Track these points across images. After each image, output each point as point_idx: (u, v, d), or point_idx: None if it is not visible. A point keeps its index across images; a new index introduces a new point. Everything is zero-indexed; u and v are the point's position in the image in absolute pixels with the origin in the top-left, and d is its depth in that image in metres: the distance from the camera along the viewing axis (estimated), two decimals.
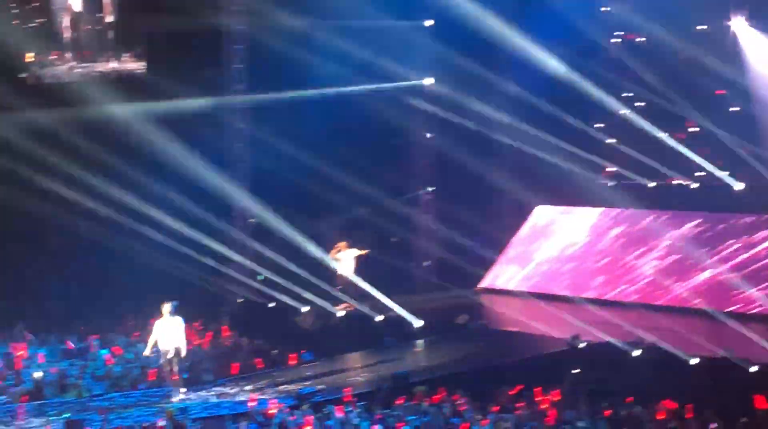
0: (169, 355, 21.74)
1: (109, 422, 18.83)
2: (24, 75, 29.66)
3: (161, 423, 18.42)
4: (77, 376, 22.97)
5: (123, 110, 29.00)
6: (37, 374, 22.36)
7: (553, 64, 30.04)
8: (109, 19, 30.43)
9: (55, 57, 30.06)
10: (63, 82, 29.72)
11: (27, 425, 19.34)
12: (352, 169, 30.44)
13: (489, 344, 26.06)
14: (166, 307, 21.89)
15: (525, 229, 33.37)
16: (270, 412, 19.50)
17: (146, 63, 30.46)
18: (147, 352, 22.07)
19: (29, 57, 29.75)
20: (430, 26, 32.48)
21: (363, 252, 28.56)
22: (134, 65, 30.50)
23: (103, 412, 19.72)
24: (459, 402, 19.88)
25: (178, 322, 21.91)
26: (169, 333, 21.75)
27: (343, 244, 28.52)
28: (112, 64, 30.50)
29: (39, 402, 21.37)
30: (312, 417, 18.94)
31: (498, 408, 19.64)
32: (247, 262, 30.50)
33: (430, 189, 33.79)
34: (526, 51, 29.89)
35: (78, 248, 29.26)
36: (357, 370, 24.29)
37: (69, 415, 19.88)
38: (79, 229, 29.02)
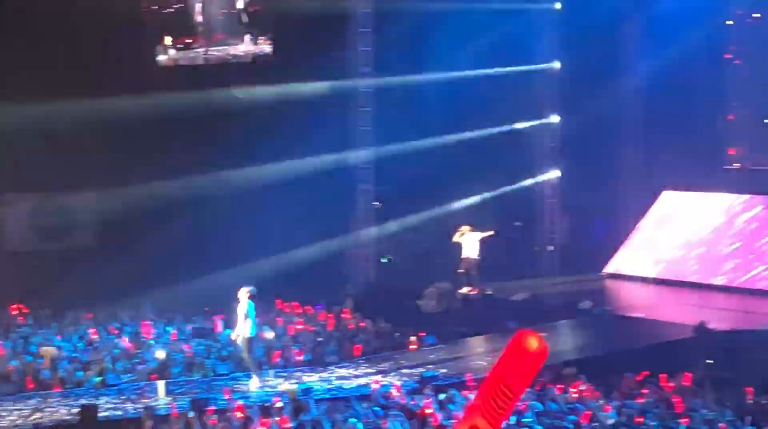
0: (239, 342, 21.23)
1: (233, 401, 19.01)
2: (161, 58, 30.19)
3: (279, 404, 18.54)
4: (203, 355, 23.27)
5: (252, 93, 29.33)
6: (160, 354, 22.68)
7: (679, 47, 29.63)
8: (240, 4, 30.77)
9: (190, 41, 30.54)
10: (196, 65, 30.21)
11: (153, 403, 19.63)
12: (476, 153, 30.36)
13: (613, 330, 25.79)
14: (243, 292, 21.22)
15: (652, 215, 32.91)
16: (392, 394, 19.52)
17: (275, 46, 30.72)
18: (233, 336, 21.65)
19: (166, 41, 30.30)
20: (558, 10, 32.19)
21: (487, 233, 28.39)
22: (263, 49, 30.77)
23: (228, 392, 19.94)
24: (582, 388, 19.71)
25: (251, 308, 21.07)
26: (241, 319, 21.08)
27: (466, 227, 28.44)
28: (243, 48, 30.83)
29: (165, 380, 21.67)
30: (432, 400, 18.93)
31: (622, 395, 19.43)
32: (371, 245, 30.60)
33: (555, 173, 33.52)
34: (654, 33, 29.51)
35: (205, 229, 29.67)
36: (479, 354, 24.22)
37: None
38: (206, 210, 29.45)
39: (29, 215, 31.08)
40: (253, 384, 20.95)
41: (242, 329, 21.02)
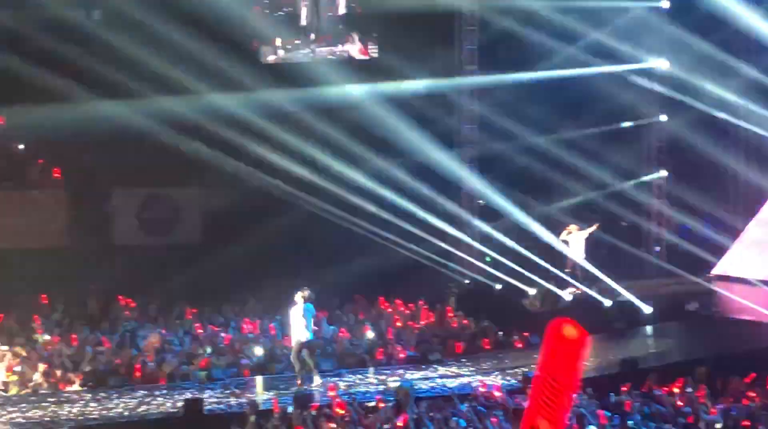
0: (294, 346, 20.88)
1: (337, 398, 19.05)
2: (270, 58, 30.46)
3: (382, 405, 18.52)
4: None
5: (357, 91, 29.42)
6: (258, 350, 22.80)
7: None
8: (344, 6, 30.88)
9: (298, 42, 30.77)
10: (302, 65, 30.40)
11: (256, 398, 19.75)
12: (581, 152, 30.11)
13: (720, 332, 25.39)
14: (299, 294, 20.86)
15: (761, 215, 32.30)
16: (494, 394, 19.42)
17: (380, 45, 30.77)
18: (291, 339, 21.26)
19: (276, 42, 30.58)
20: (667, 8, 31.76)
21: (592, 228, 28.11)
22: (368, 47, 30.84)
23: (333, 388, 19.99)
24: (688, 390, 19.43)
25: (308, 310, 20.79)
26: (297, 322, 20.80)
27: (574, 226, 28.20)
28: (348, 47, 30.95)
29: (269, 375, 21.82)
30: None
31: (729, 398, 19.12)
32: (475, 244, 30.49)
33: (662, 173, 33.09)
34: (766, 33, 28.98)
35: (309, 226, 29.80)
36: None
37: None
38: (310, 206, 29.59)
39: (137, 210, 31.53)
40: (316, 382, 20.73)
41: (298, 332, 20.72)
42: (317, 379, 20.79)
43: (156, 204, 31.65)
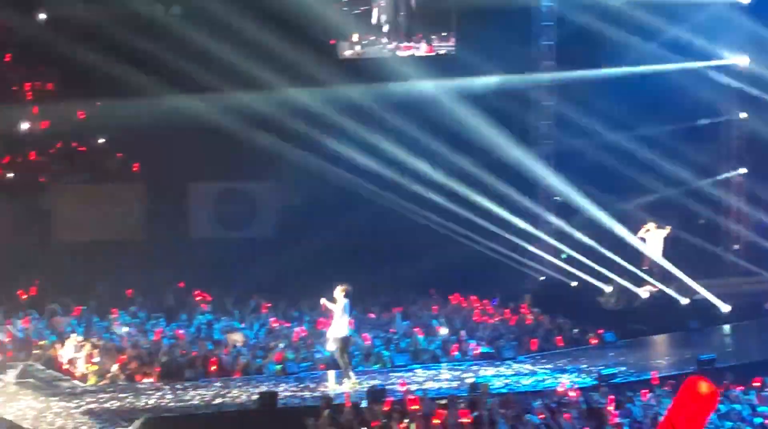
0: (330, 343, 20.62)
1: (410, 393, 19.06)
2: (347, 52, 30.56)
3: (462, 403, 18.47)
4: (381, 346, 23.40)
5: (433, 86, 29.41)
6: (330, 346, 22.84)
7: None
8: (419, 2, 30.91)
9: (374, 38, 30.82)
10: (379, 60, 30.47)
11: (329, 392, 19.80)
12: (659, 149, 29.86)
13: None
14: (339, 290, 20.49)
15: None
16: (569, 392, 19.29)
17: (456, 41, 30.72)
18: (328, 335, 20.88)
19: (353, 38, 30.66)
20: (747, 3, 31.36)
21: (667, 230, 27.91)
22: (444, 43, 30.81)
23: (405, 384, 20.00)
24: (766, 390, 19.21)
25: (345, 307, 20.38)
26: (337, 317, 20.45)
27: (652, 223, 27.96)
28: (425, 43, 30.94)
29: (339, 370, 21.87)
30: (612, 398, 18.67)
31: None
32: (551, 240, 30.35)
33: (741, 170, 32.71)
34: None
35: (384, 221, 29.83)
36: (660, 352, 23.82)
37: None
38: (385, 202, 29.63)
39: (214, 204, 31.78)
40: (347, 384, 20.23)
41: (337, 328, 20.43)
42: (350, 378, 20.33)
43: (232, 198, 31.89)
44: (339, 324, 20.37)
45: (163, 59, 27.99)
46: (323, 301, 20.74)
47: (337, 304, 20.41)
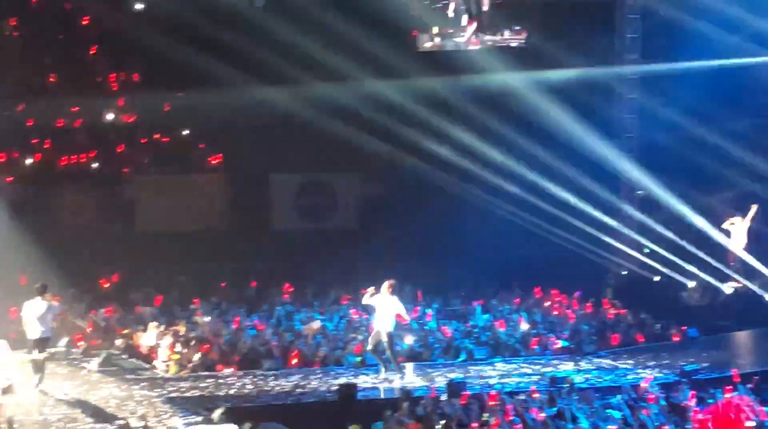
0: (374, 337, 20.26)
1: (489, 387, 19.01)
2: (426, 44, 30.50)
3: (536, 395, 18.37)
4: (461, 339, 23.35)
5: (514, 79, 29.27)
6: (408, 339, 22.83)
7: None
8: None
9: (453, 30, 30.73)
10: (459, 52, 30.38)
11: (411, 384, 19.80)
12: (743, 142, 29.44)
13: None
14: (386, 285, 20.14)
15: None
16: (649, 388, 19.11)
17: (539, 33, 30.54)
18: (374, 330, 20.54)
19: (433, 30, 30.59)
20: None
21: (752, 211, 27.34)
22: (526, 36, 30.65)
23: (484, 377, 19.95)
24: None
25: (394, 302, 20.16)
26: (382, 312, 20.13)
27: (737, 217, 27.59)
28: (507, 35, 30.80)
29: (421, 362, 21.85)
30: (694, 394, 18.47)
31: None
32: (633, 235, 30.09)
33: None
34: None
35: (465, 214, 29.77)
36: (744, 349, 23.52)
37: None
38: (466, 194, 29.55)
39: (295, 195, 31.89)
40: (398, 380, 20.10)
41: (383, 323, 20.14)
42: (403, 374, 20.20)
43: (313, 190, 31.98)
44: (386, 319, 20.06)
45: (246, 51, 28.13)
46: (368, 292, 20.38)
47: (382, 299, 20.11)
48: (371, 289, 20.26)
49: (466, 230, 29.86)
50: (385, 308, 20.07)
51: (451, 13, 29.33)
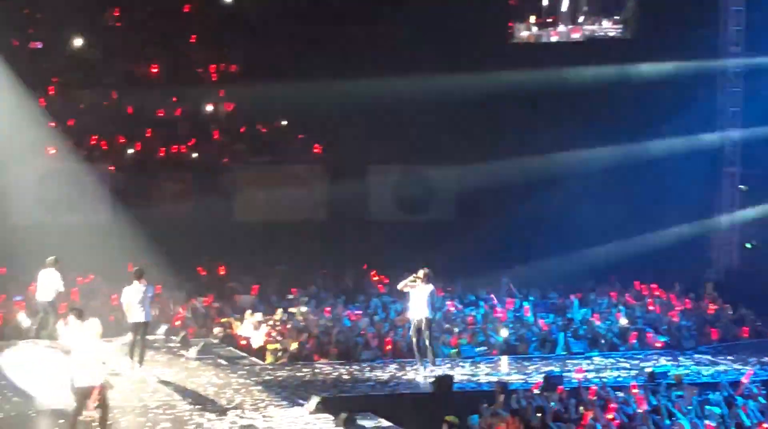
0: (414, 325, 19.94)
1: (586, 381, 18.86)
2: (523, 34, 30.41)
3: (636, 390, 18.15)
4: (558, 332, 23.19)
5: (612, 72, 29.08)
6: (504, 331, 22.73)
7: None
8: None
9: (550, 21, 30.60)
10: (558, 44, 30.26)
11: (506, 377, 19.74)
12: None
13: None
14: (421, 273, 19.82)
15: None
16: (743, 384, 18.80)
17: (637, 24, 30.28)
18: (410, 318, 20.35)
19: (530, 20, 30.52)
20: None
21: None
22: (623, 27, 30.42)
23: (582, 371, 19.79)
24: None
25: (428, 290, 19.77)
26: (418, 301, 19.89)
27: None
28: (605, 26, 30.61)
29: (517, 355, 21.77)
30: None
31: None
32: (735, 230, 29.69)
33: None
34: None
35: (563, 207, 29.58)
36: None
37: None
38: (564, 188, 29.37)
39: (392, 187, 31.90)
40: (424, 372, 19.90)
41: (419, 310, 19.85)
42: (431, 367, 19.94)
43: (411, 181, 31.95)
44: (420, 308, 19.81)
45: (344, 42, 28.23)
46: (405, 283, 20.14)
47: (418, 287, 19.84)
48: (412, 277, 20.00)
49: (564, 223, 29.61)
50: (421, 296, 19.86)
51: (546, 2, 29.26)
